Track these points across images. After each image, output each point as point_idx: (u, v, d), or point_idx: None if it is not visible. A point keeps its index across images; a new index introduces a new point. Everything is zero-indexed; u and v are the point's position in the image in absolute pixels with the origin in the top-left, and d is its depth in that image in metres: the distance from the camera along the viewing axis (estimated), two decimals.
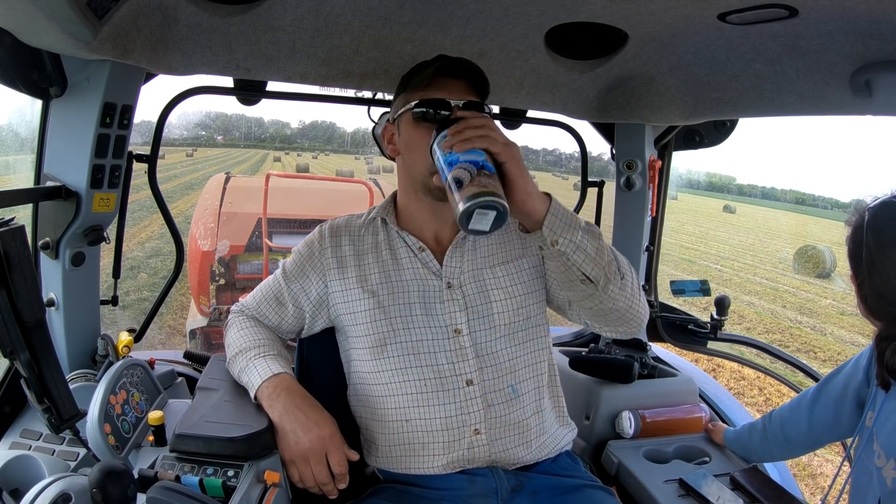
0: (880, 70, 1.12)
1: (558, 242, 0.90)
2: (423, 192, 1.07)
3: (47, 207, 1.16)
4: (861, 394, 1.16)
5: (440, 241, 1.13)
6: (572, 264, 0.92)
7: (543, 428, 1.09)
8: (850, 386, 1.18)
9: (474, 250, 1.12)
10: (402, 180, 1.14)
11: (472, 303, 1.08)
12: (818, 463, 4.19)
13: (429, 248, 1.12)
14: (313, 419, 0.96)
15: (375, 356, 1.06)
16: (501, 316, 1.08)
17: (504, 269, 1.11)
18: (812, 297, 11.62)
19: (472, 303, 1.08)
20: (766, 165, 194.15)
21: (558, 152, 79.38)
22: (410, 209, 1.14)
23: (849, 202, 65.19)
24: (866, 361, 1.15)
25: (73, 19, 0.86)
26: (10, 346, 0.80)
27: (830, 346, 8.14)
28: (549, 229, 0.89)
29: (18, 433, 1.07)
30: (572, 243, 0.90)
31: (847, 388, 1.19)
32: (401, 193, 1.16)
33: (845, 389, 1.19)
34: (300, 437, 0.94)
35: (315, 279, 1.14)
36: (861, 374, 1.16)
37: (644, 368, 1.59)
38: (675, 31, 1.24)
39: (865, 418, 1.11)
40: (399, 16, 1.19)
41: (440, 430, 1.03)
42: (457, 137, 0.87)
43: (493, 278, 1.10)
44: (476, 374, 1.04)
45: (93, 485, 0.73)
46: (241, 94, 1.41)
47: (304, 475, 0.94)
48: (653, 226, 1.89)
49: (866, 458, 1.08)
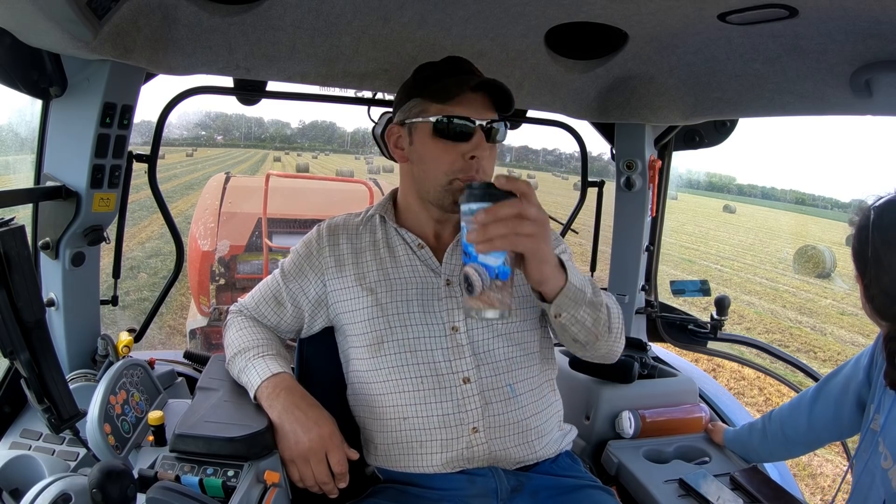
0: (880, 70, 1.12)
1: (561, 316, 0.94)
2: (434, 203, 1.07)
3: (47, 207, 1.16)
4: (862, 394, 1.16)
5: (440, 238, 1.14)
6: (567, 331, 0.98)
7: (543, 428, 1.09)
8: (850, 386, 1.18)
9: None
10: (407, 184, 1.13)
11: None
12: (818, 463, 4.20)
13: (428, 246, 1.12)
14: (313, 418, 0.96)
15: (373, 354, 1.06)
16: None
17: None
18: (812, 297, 11.62)
19: None
20: (766, 165, 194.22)
21: (558, 152, 79.50)
22: (412, 210, 1.14)
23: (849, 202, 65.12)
24: (867, 361, 1.15)
25: (73, 19, 0.86)
26: (10, 346, 0.80)
27: (830, 346, 8.14)
28: (556, 305, 0.92)
29: (18, 433, 1.07)
30: (574, 318, 0.95)
31: (847, 387, 1.19)
32: (403, 195, 1.16)
33: (846, 389, 1.19)
34: (300, 437, 0.93)
35: (313, 278, 1.13)
36: (862, 374, 1.16)
37: (644, 368, 1.59)
38: (675, 31, 1.24)
39: (870, 420, 1.10)
40: (399, 16, 1.19)
41: (437, 427, 1.02)
42: (480, 236, 0.81)
43: None
44: (473, 372, 1.04)
45: (93, 485, 0.73)
46: (241, 94, 1.41)
47: (304, 474, 0.94)
48: (653, 226, 1.89)
49: (871, 459, 1.07)
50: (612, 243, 1.91)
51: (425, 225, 1.13)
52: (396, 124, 1.10)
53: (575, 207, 1.96)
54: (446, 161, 1.02)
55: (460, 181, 1.02)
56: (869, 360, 1.15)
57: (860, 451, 1.12)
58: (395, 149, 1.11)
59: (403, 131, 1.09)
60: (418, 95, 1.05)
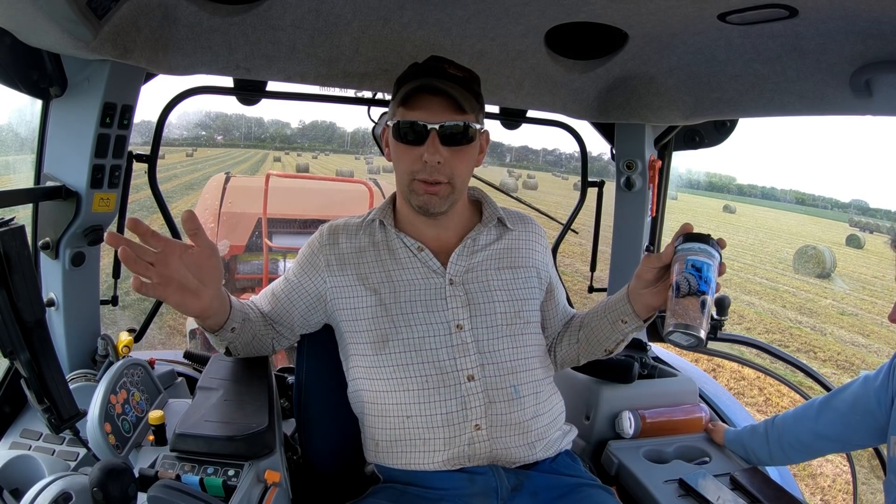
0: (880, 70, 1.12)
1: (643, 326, 1.09)
2: (405, 199, 1.11)
3: (47, 207, 1.16)
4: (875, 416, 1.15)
5: (441, 241, 1.14)
6: (616, 340, 1.12)
7: (544, 430, 1.09)
8: (858, 405, 1.18)
9: (482, 252, 1.14)
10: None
11: (475, 300, 1.08)
12: (818, 463, 4.20)
13: (428, 248, 1.12)
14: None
15: (377, 352, 1.07)
16: (504, 316, 1.09)
17: (510, 273, 1.14)
18: (812, 297, 11.63)
19: (474, 300, 1.08)
20: (766, 165, 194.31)
21: (558, 152, 79.58)
22: (407, 213, 1.14)
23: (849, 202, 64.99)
24: (880, 383, 1.14)
25: (73, 19, 0.86)
26: (10, 346, 0.80)
27: (830, 346, 8.14)
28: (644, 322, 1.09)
29: (18, 433, 1.07)
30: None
31: (856, 406, 1.18)
32: (398, 197, 1.17)
33: (854, 408, 1.18)
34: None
35: (314, 276, 1.14)
36: (873, 396, 1.15)
37: (644, 368, 1.59)
38: (675, 31, 1.24)
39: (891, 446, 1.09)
40: (399, 16, 1.19)
41: (441, 425, 1.03)
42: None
43: (497, 280, 1.12)
44: (478, 370, 1.04)
45: (93, 483, 0.73)
46: (241, 94, 1.41)
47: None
48: (653, 226, 1.89)
49: None
50: (612, 243, 1.91)
51: (422, 227, 1.14)
52: (385, 125, 1.13)
53: (575, 207, 1.96)
54: (406, 162, 1.05)
55: (419, 182, 1.05)
56: (884, 381, 1.14)
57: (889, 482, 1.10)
58: (385, 148, 1.15)
59: (388, 132, 1.11)
60: (393, 98, 1.08)
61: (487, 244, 1.15)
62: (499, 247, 1.16)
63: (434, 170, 1.03)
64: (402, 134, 1.04)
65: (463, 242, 1.13)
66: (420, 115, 1.02)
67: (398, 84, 1.08)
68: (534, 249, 1.19)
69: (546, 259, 1.23)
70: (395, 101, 1.07)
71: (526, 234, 1.20)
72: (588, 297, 2.06)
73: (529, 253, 1.18)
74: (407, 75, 1.07)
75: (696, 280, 0.94)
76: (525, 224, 1.22)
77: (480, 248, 1.15)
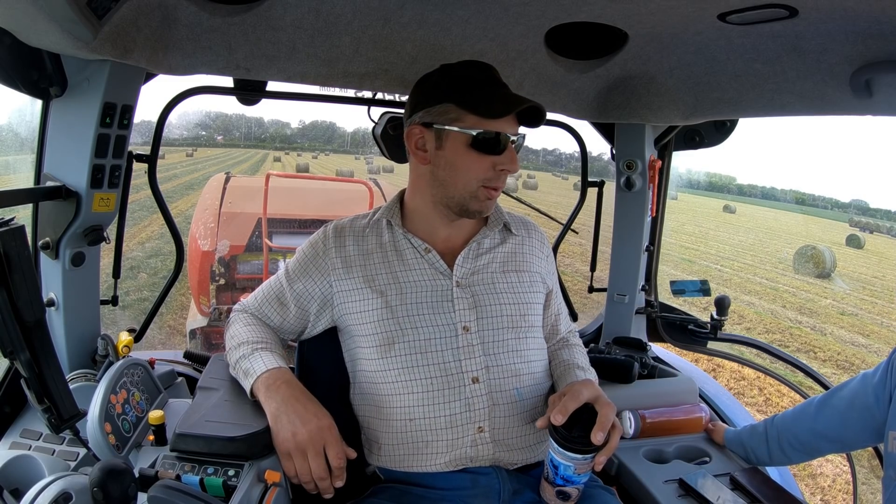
0: (880, 70, 1.12)
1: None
2: (456, 210, 1.09)
3: (47, 207, 1.16)
4: (872, 413, 1.14)
5: (449, 243, 1.14)
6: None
7: (545, 431, 1.09)
8: (856, 402, 1.17)
9: (487, 255, 1.15)
10: (422, 187, 1.12)
11: (482, 302, 1.09)
12: (818, 463, 4.20)
13: (435, 250, 1.12)
14: (312, 411, 0.95)
15: (383, 355, 1.06)
16: (510, 318, 1.10)
17: (516, 276, 1.15)
18: (812, 297, 11.63)
19: (481, 302, 1.09)
20: (766, 165, 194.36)
21: (558, 152, 79.46)
22: (423, 213, 1.14)
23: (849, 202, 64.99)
24: (878, 380, 1.14)
25: (73, 19, 0.86)
26: (10, 346, 0.80)
27: (830, 346, 8.14)
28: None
29: (18, 433, 1.07)
30: None
31: (853, 403, 1.18)
32: (413, 197, 1.15)
33: (851, 405, 1.18)
34: (298, 428, 0.92)
35: (319, 279, 1.13)
36: (871, 393, 1.15)
37: (644, 368, 1.59)
38: (675, 31, 1.24)
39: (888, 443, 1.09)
40: (399, 16, 1.19)
41: (445, 427, 1.03)
42: (588, 467, 0.97)
43: (503, 282, 1.13)
44: (482, 372, 1.04)
45: (94, 483, 0.73)
46: (241, 94, 1.41)
47: (301, 468, 0.92)
48: (653, 226, 1.89)
49: None
50: (612, 243, 1.91)
51: (434, 228, 1.14)
52: (420, 125, 1.07)
53: (575, 207, 1.96)
54: (479, 170, 1.05)
55: (485, 189, 1.06)
56: (882, 378, 1.14)
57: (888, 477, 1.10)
58: (416, 150, 1.09)
59: (429, 134, 1.06)
60: (452, 101, 1.04)
61: (492, 247, 1.16)
62: (503, 250, 1.17)
63: (503, 177, 1.06)
64: (484, 144, 1.03)
65: (468, 245, 1.13)
66: (504, 126, 1.03)
67: (462, 91, 1.04)
68: (536, 256, 1.20)
69: (549, 268, 1.24)
70: (460, 107, 1.03)
71: (529, 239, 1.21)
72: (588, 297, 2.06)
73: (532, 259, 1.19)
74: (471, 82, 1.05)
75: (552, 474, 0.99)
76: (528, 230, 1.23)
77: (485, 250, 1.15)
